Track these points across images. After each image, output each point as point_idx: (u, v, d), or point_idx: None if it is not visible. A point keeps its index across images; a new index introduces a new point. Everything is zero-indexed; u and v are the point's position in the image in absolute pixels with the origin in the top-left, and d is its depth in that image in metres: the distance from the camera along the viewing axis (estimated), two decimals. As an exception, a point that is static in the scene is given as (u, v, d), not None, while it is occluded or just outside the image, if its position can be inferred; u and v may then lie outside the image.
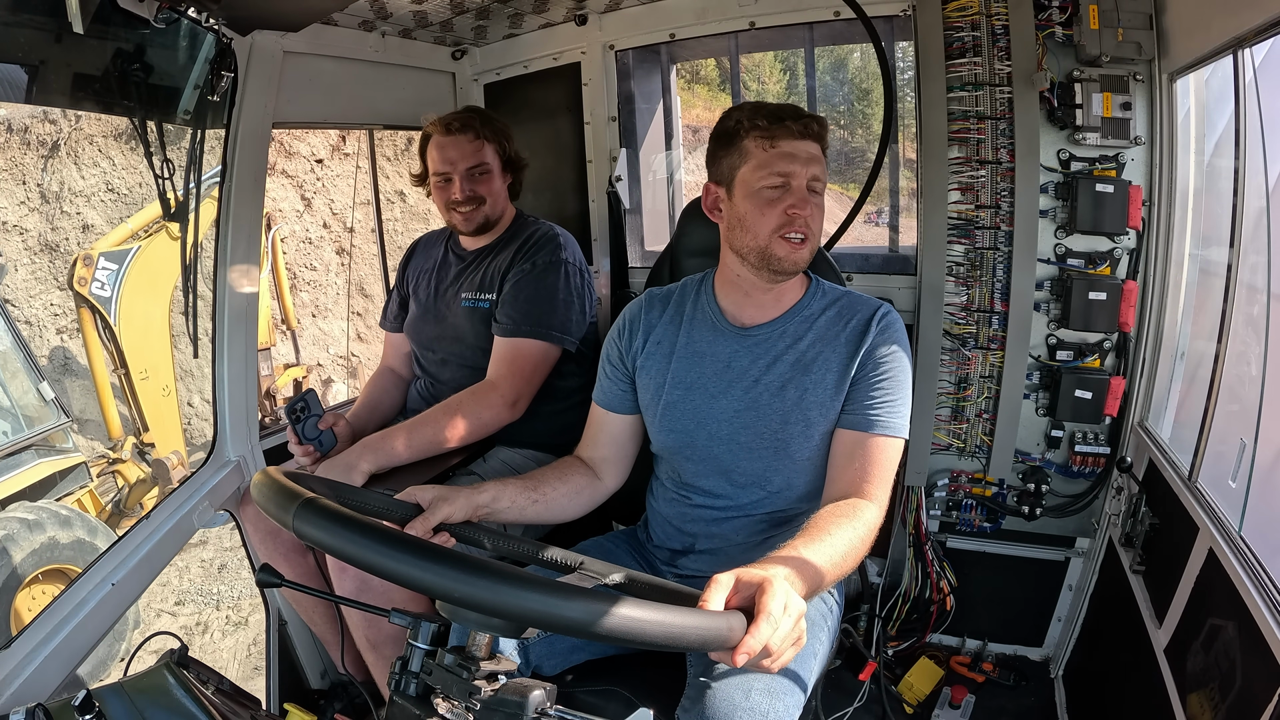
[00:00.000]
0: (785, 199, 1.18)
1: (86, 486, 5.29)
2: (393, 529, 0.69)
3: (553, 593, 0.62)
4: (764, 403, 1.25)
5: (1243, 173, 1.40)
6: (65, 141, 7.92)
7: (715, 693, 1.03)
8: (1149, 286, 1.75)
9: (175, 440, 5.68)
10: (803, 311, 1.29)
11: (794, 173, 1.18)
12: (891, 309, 1.27)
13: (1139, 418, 1.79)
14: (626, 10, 2.10)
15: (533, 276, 1.73)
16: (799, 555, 0.92)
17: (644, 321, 1.37)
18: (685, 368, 1.31)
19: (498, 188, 1.81)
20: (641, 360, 1.35)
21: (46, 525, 4.35)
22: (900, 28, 1.95)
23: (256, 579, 0.85)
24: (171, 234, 5.50)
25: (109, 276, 5.24)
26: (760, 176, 1.18)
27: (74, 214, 7.89)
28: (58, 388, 7.41)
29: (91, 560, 4.41)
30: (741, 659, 0.70)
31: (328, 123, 2.33)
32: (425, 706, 0.73)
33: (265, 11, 1.48)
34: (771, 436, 1.25)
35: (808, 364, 1.24)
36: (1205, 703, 1.18)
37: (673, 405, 1.31)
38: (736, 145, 1.22)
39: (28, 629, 1.18)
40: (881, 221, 5.31)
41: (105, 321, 5.26)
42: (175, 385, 5.74)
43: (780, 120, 1.18)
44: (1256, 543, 1.18)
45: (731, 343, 1.29)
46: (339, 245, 8.90)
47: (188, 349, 8.03)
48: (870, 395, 1.20)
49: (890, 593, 2.06)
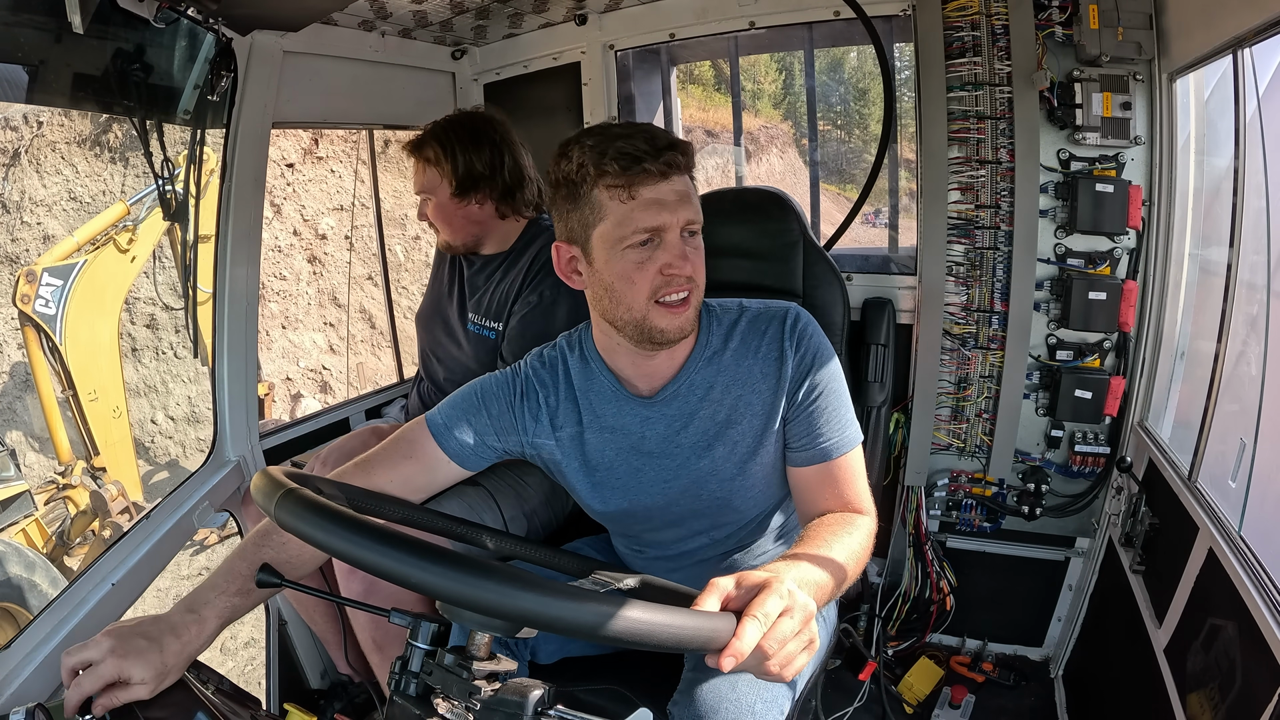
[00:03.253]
0: (658, 257, 0.99)
1: (31, 516, 5.02)
2: (373, 522, 0.68)
3: (538, 590, 0.62)
4: (693, 466, 1.13)
5: (1243, 173, 1.40)
6: (27, 149, 7.74)
7: (705, 687, 1.02)
8: (1149, 286, 1.75)
9: (127, 463, 5.45)
10: (703, 354, 1.12)
11: (664, 224, 0.98)
12: (797, 310, 1.12)
13: (1139, 418, 1.79)
14: (626, 10, 2.10)
15: (539, 311, 1.60)
16: (803, 562, 0.87)
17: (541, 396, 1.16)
18: (600, 444, 1.15)
19: (449, 214, 1.65)
20: (541, 443, 1.16)
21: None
22: (900, 28, 1.95)
23: (257, 579, 0.85)
24: (119, 247, 5.29)
25: (53, 293, 5.00)
26: (622, 235, 0.98)
27: (34, 224, 7.69)
28: (19, 406, 7.23)
29: (44, 592, 4.11)
30: (728, 662, 0.66)
31: (327, 123, 2.33)
32: (425, 706, 0.73)
33: (265, 11, 1.47)
34: (710, 497, 1.15)
35: (728, 414, 1.11)
36: (1205, 703, 1.18)
37: (599, 484, 1.18)
38: (585, 198, 1.00)
39: (28, 629, 1.18)
40: (880, 222, 5.32)
41: (51, 340, 5.03)
42: (128, 406, 5.52)
43: (636, 163, 0.96)
44: (1256, 543, 1.18)
45: (640, 411, 1.13)
46: (311, 253, 8.53)
47: (150, 364, 7.95)
48: (813, 426, 1.08)
49: (890, 593, 2.06)
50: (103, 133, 8.04)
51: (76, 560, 5.07)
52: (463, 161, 1.61)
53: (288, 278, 8.56)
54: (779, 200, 1.68)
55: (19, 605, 4.09)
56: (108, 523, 5.12)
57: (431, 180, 1.64)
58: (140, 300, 7.71)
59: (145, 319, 7.94)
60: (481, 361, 1.73)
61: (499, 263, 1.72)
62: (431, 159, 1.62)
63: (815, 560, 0.89)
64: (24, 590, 4.11)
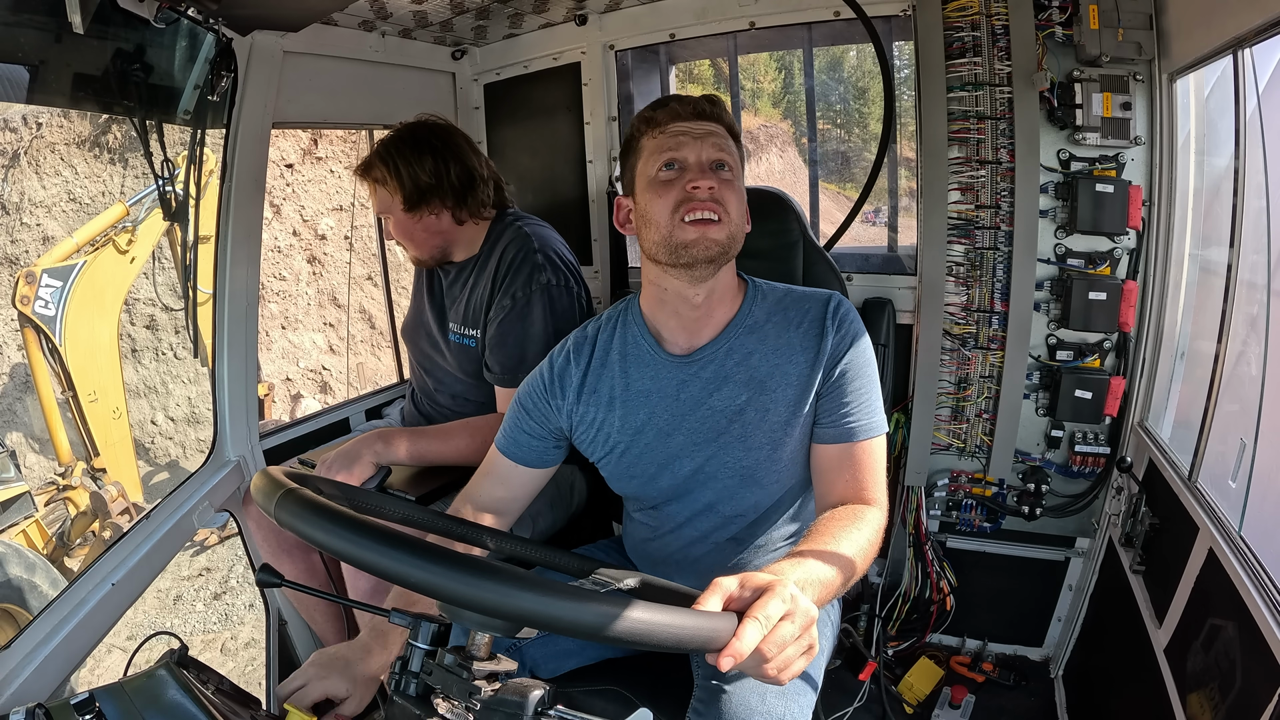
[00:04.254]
0: (681, 177, 1.08)
1: (32, 517, 5.01)
2: (373, 522, 0.69)
3: (538, 589, 0.62)
4: (723, 428, 1.16)
5: (1243, 173, 1.40)
6: (26, 150, 7.76)
7: (730, 697, 1.02)
8: (1149, 286, 1.75)
9: (128, 464, 5.47)
10: (745, 322, 1.18)
11: (686, 147, 1.09)
12: (840, 297, 1.18)
13: (1139, 418, 1.79)
14: (626, 10, 2.10)
15: (514, 315, 1.59)
16: (809, 560, 0.88)
17: (576, 374, 1.24)
18: (631, 411, 1.20)
19: (409, 229, 1.64)
20: (579, 415, 1.23)
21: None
22: (900, 28, 1.95)
23: (256, 579, 0.85)
24: (119, 248, 5.30)
25: (53, 294, 5.01)
26: (653, 163, 1.11)
27: (34, 225, 7.72)
28: (19, 407, 7.27)
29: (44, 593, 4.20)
30: (727, 662, 0.66)
31: (327, 123, 2.33)
32: (425, 706, 0.73)
33: (265, 11, 1.47)
34: (736, 464, 1.17)
35: (763, 380, 1.15)
36: (1205, 703, 1.18)
37: (626, 453, 1.22)
38: (634, 148, 1.15)
39: (28, 629, 1.18)
40: (880, 221, 5.32)
41: (50, 342, 5.05)
42: (127, 407, 5.53)
43: (665, 105, 1.13)
44: (1256, 543, 1.18)
45: (676, 373, 1.18)
46: (310, 253, 8.57)
47: (150, 364, 7.97)
48: (844, 403, 1.12)
49: (890, 593, 2.06)
50: (102, 134, 8.05)
51: (76, 561, 5.06)
52: (408, 176, 1.59)
53: (287, 278, 8.57)
54: (779, 200, 1.68)
55: (19, 606, 4.08)
56: (108, 523, 5.10)
57: (385, 200, 1.63)
58: (140, 301, 7.72)
59: (145, 320, 7.95)
60: (467, 371, 1.72)
61: (471, 268, 1.70)
62: (379, 179, 1.62)
63: (822, 556, 0.90)
64: (24, 591, 4.10)
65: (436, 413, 1.83)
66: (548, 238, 1.67)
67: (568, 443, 1.28)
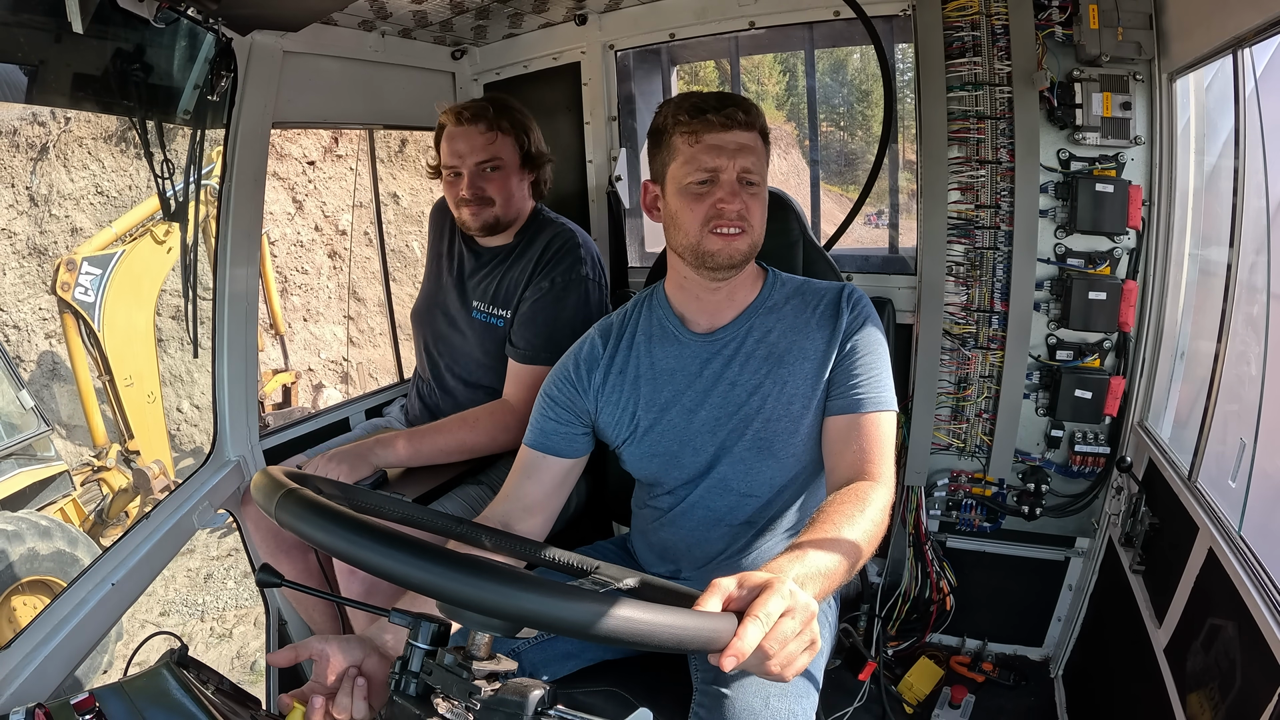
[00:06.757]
0: (713, 193, 1.15)
1: (70, 495, 5.21)
2: (372, 521, 0.69)
3: (538, 589, 0.62)
4: (743, 401, 1.22)
5: (1243, 173, 1.40)
6: (54, 144, 7.88)
7: (732, 700, 1.02)
8: (1149, 286, 1.75)
9: (161, 447, 5.64)
10: (764, 304, 1.26)
11: (721, 166, 1.14)
12: (855, 286, 1.27)
13: (1139, 417, 1.79)
14: (626, 10, 2.10)
15: (551, 297, 1.64)
16: (810, 552, 0.88)
17: (603, 356, 1.30)
18: (655, 389, 1.27)
19: (512, 187, 1.70)
20: (604, 397, 1.29)
21: (26, 536, 4.23)
22: (900, 28, 1.95)
23: (256, 579, 0.85)
24: (156, 238, 5.46)
25: (92, 281, 5.18)
26: (687, 173, 1.16)
27: (63, 217, 7.87)
28: (46, 393, 7.40)
29: (83, 566, 4.39)
30: (729, 662, 0.66)
31: (327, 123, 2.33)
32: (425, 706, 0.72)
33: (265, 11, 1.47)
34: (754, 437, 1.22)
35: (781, 355, 1.22)
36: (1205, 703, 1.18)
37: (650, 431, 1.27)
38: (666, 142, 1.19)
39: (28, 629, 1.18)
40: (881, 222, 5.32)
41: (89, 327, 5.20)
42: (161, 391, 5.69)
43: (701, 114, 1.15)
44: (1256, 543, 1.18)
45: (699, 350, 1.26)
46: (331, 248, 8.80)
47: (175, 354, 8.05)
48: (854, 376, 1.18)
49: (890, 593, 2.06)
50: (128, 129, 8.17)
51: (110, 540, 5.19)
52: (531, 138, 1.71)
53: (309, 272, 8.80)
54: (779, 200, 1.68)
55: (61, 579, 4.29)
56: (149, 499, 5.27)
57: (504, 149, 1.68)
58: (166, 293, 7.87)
59: (171, 311, 8.03)
60: (487, 350, 1.75)
61: (506, 254, 1.75)
62: (505, 128, 1.67)
63: (824, 545, 0.90)
64: (66, 565, 4.34)
65: (443, 402, 1.84)
66: (588, 239, 1.76)
67: (594, 431, 1.32)
